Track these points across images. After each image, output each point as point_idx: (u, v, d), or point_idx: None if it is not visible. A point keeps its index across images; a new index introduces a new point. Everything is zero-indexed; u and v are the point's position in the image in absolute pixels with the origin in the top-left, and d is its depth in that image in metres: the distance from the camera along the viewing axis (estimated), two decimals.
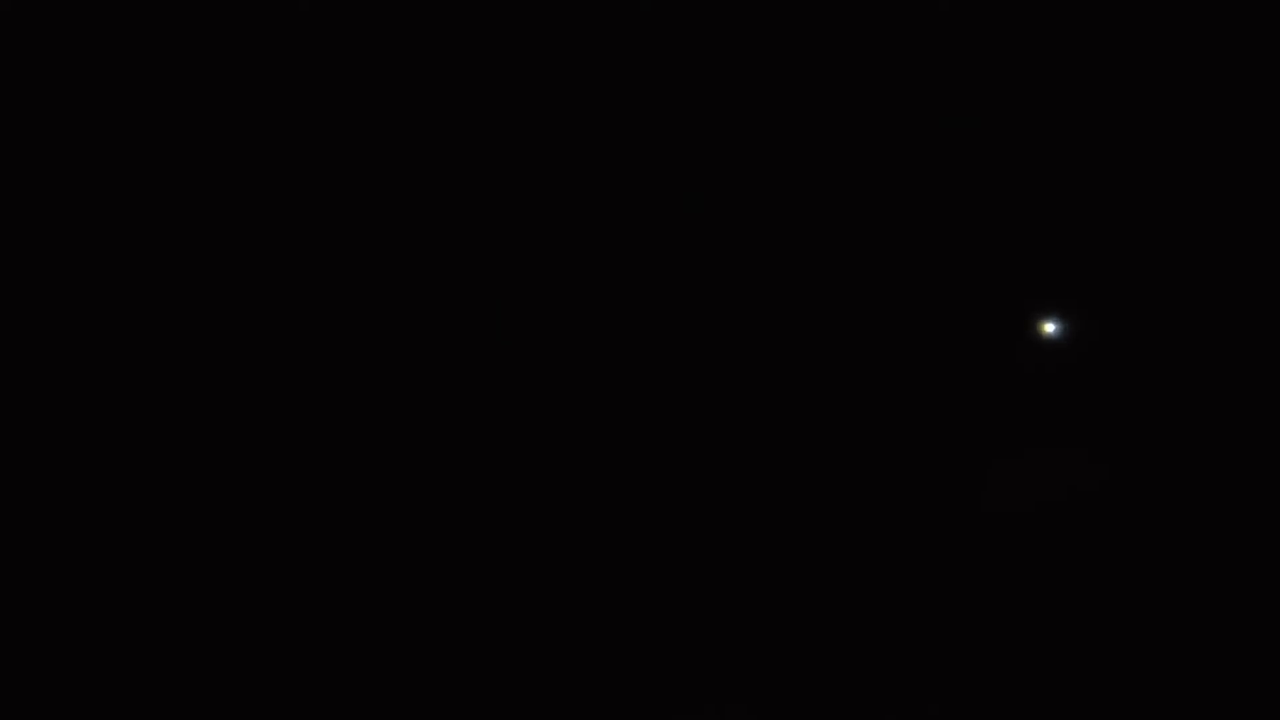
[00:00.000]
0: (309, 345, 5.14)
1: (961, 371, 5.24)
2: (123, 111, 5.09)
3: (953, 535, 5.03)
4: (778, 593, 4.96)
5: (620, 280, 5.24)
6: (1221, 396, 5.10)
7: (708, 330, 5.25)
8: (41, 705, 4.73)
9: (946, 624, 4.89)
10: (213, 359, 5.09)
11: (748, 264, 5.26)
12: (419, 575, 4.98)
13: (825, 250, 5.27)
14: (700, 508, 5.11)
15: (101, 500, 4.96)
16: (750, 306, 5.26)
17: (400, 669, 4.85)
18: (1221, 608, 4.83)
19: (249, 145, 5.14)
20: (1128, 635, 4.83)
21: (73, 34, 5.04)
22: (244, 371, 5.10)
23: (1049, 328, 5.20)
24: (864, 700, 4.78)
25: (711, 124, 5.23)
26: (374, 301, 5.18)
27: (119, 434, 5.01)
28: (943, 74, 5.18)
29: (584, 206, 5.25)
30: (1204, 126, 5.14)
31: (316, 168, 5.17)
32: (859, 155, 5.25)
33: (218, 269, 5.13)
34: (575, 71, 5.19)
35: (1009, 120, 5.20)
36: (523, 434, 5.16)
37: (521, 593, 4.96)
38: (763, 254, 5.27)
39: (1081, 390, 5.20)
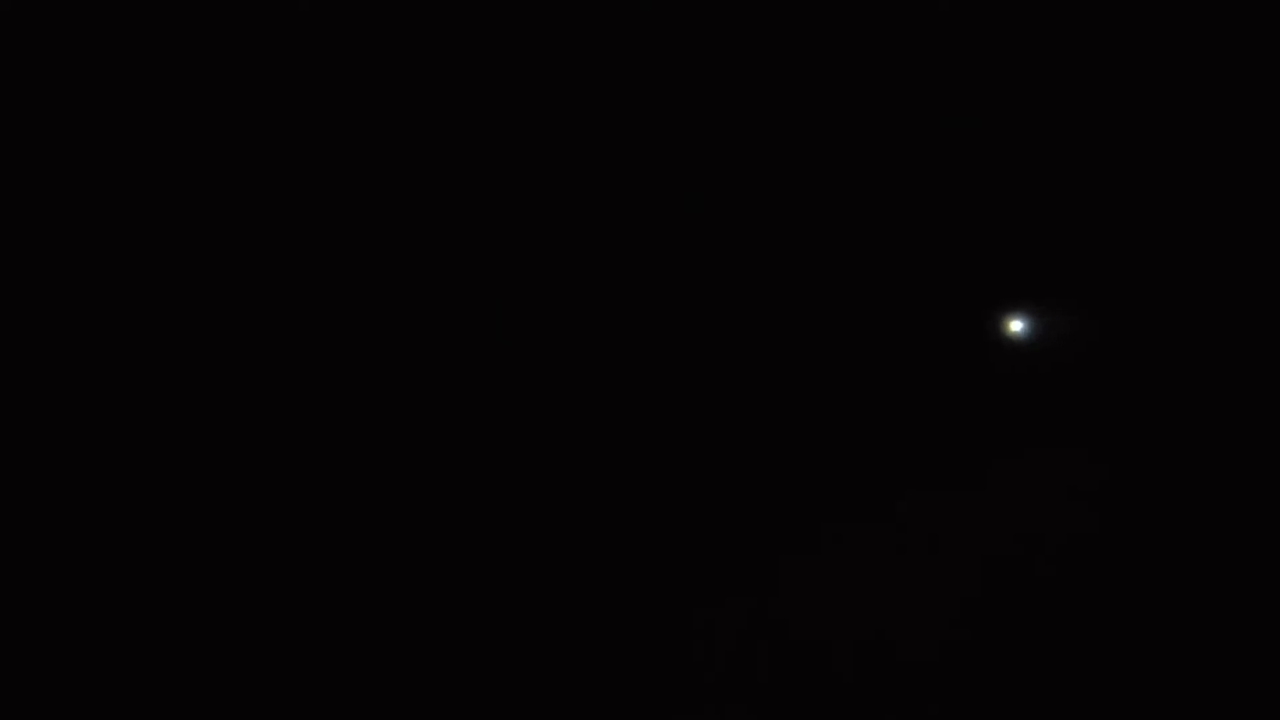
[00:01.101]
0: (309, 344, 5.15)
1: (960, 373, 5.25)
2: (123, 112, 5.10)
3: (952, 534, 5.03)
4: (777, 593, 4.96)
5: (615, 277, 5.24)
6: (1218, 397, 5.10)
7: (702, 330, 5.25)
8: (41, 705, 4.74)
9: (946, 624, 4.89)
10: (212, 358, 5.10)
11: (746, 264, 5.27)
12: (419, 575, 4.98)
13: (824, 253, 5.28)
14: (699, 509, 5.11)
15: (102, 500, 4.97)
16: (755, 306, 5.27)
17: (400, 669, 4.85)
18: (1219, 608, 4.83)
19: (249, 145, 5.15)
20: (1125, 635, 4.83)
21: (73, 34, 5.05)
22: (243, 370, 5.11)
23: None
24: (864, 700, 4.78)
25: (704, 125, 5.24)
26: (374, 301, 5.18)
27: (119, 433, 5.02)
28: (931, 81, 5.20)
29: (583, 206, 5.25)
30: (1193, 125, 5.15)
31: (316, 168, 5.18)
32: (857, 158, 5.25)
33: (218, 269, 5.13)
34: (575, 72, 5.19)
35: (1014, 121, 5.21)
36: (523, 433, 5.16)
37: (522, 593, 4.96)
38: (763, 254, 5.28)
39: (1080, 390, 5.21)
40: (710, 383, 5.23)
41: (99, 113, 5.08)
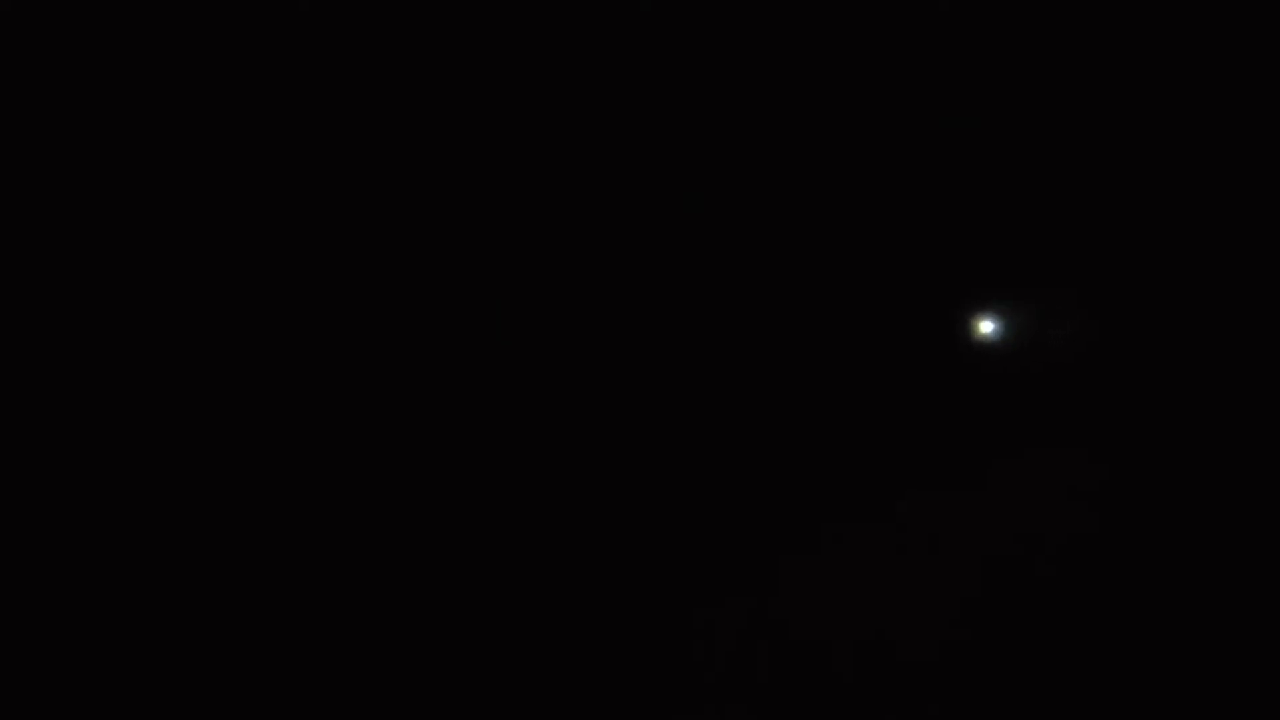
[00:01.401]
0: (310, 345, 5.15)
1: (961, 373, 5.25)
2: (123, 112, 5.10)
3: (952, 534, 5.03)
4: (777, 593, 4.96)
5: (616, 279, 5.25)
6: (1217, 397, 5.10)
7: (704, 331, 5.25)
8: (41, 705, 4.73)
9: (946, 624, 4.89)
10: (212, 359, 5.10)
11: (750, 262, 5.27)
12: (419, 575, 4.98)
13: (827, 252, 5.29)
14: (699, 509, 5.11)
15: (102, 500, 4.97)
16: (756, 305, 5.27)
17: (400, 669, 4.85)
18: (1219, 608, 4.83)
19: (249, 145, 5.15)
20: (1125, 634, 4.83)
21: (73, 34, 5.05)
22: (243, 371, 5.11)
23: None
24: (864, 700, 4.78)
25: (698, 126, 5.24)
26: (374, 302, 5.19)
27: (119, 434, 5.02)
28: (924, 85, 5.20)
29: (581, 206, 5.26)
30: (1193, 122, 5.15)
31: (317, 168, 5.18)
32: (865, 161, 5.26)
33: (218, 269, 5.13)
34: (575, 72, 5.20)
35: (1022, 122, 5.22)
36: (523, 434, 5.16)
37: (522, 593, 4.96)
38: (765, 252, 5.28)
39: (1080, 390, 5.21)
40: (710, 383, 5.24)
41: (99, 113, 5.09)
